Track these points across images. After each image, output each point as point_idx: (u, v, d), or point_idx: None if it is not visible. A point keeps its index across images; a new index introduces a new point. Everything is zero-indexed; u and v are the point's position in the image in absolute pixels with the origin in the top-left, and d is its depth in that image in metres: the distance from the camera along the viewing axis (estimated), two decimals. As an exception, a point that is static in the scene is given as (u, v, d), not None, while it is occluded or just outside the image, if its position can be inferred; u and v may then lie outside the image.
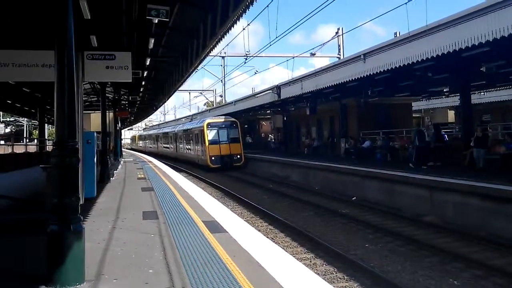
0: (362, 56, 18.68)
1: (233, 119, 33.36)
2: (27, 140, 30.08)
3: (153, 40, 11.93)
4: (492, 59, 14.73)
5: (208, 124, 32.42)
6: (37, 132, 37.52)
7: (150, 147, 62.54)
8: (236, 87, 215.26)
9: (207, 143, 31.68)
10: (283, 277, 4.94)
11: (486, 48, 12.33)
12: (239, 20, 10.67)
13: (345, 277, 8.35)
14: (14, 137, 45.55)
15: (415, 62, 14.51)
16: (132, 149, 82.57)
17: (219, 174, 29.57)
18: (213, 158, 31.40)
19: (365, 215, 14.31)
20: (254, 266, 5.39)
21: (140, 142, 76.88)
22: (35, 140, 31.96)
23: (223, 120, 33.30)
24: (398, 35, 21.29)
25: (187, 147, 39.05)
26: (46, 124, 31.77)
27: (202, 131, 32.45)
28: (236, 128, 32.54)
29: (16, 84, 15.91)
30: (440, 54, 13.17)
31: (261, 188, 22.37)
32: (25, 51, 9.96)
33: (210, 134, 32.01)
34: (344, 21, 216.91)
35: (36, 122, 34.03)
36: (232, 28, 11.42)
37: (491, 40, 11.14)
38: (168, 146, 48.86)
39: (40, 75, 9.79)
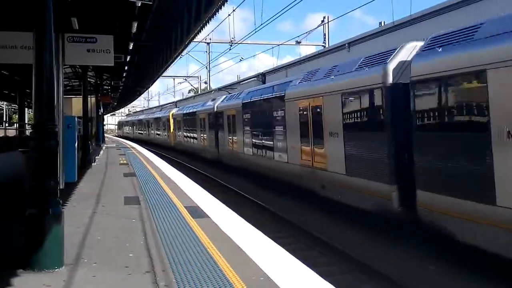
0: (346, 45, 18.80)
1: None
2: (7, 124, 29.47)
3: (136, 24, 11.75)
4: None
5: None
6: (17, 116, 36.79)
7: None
8: (222, 74, 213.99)
9: None
10: (263, 260, 5.01)
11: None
12: (224, 5, 10.60)
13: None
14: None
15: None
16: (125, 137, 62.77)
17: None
18: None
19: None
20: (234, 250, 5.44)
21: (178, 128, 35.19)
22: (15, 124, 31.37)
23: None
24: (383, 24, 21.44)
25: None
26: (26, 109, 31.18)
27: None
28: None
29: (-5, 66, 15.54)
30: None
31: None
32: (3, 32, 9.73)
33: None
34: (335, 11, 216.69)
35: (16, 106, 33.36)
36: (217, 13, 11.34)
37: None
38: None
39: (19, 57, 9.61)
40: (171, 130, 36.62)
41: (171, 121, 36.43)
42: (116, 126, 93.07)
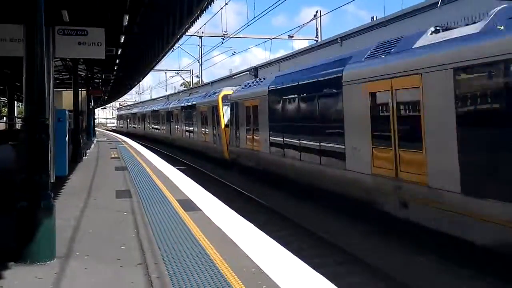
0: (339, 40, 18.85)
1: None
2: (-4, 118, 29.20)
3: (127, 17, 11.66)
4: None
5: None
6: (6, 109, 36.39)
7: None
8: (214, 68, 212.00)
9: None
10: (256, 253, 5.06)
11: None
12: (215, -2, 10.56)
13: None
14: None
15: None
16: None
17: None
18: None
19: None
20: (227, 243, 5.48)
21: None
22: (4, 118, 31.06)
23: None
24: (375, 19, 21.54)
25: None
26: (16, 102, 30.91)
27: None
28: None
29: (-16, 59, 15.34)
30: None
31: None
32: (-7, 24, 9.61)
33: None
34: (330, 4, 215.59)
35: (6, 100, 32.99)
36: (209, 6, 11.29)
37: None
38: None
39: (8, 50, 9.52)
40: (222, 127, 20.86)
41: (221, 110, 21.12)
42: (116, 119, 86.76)
